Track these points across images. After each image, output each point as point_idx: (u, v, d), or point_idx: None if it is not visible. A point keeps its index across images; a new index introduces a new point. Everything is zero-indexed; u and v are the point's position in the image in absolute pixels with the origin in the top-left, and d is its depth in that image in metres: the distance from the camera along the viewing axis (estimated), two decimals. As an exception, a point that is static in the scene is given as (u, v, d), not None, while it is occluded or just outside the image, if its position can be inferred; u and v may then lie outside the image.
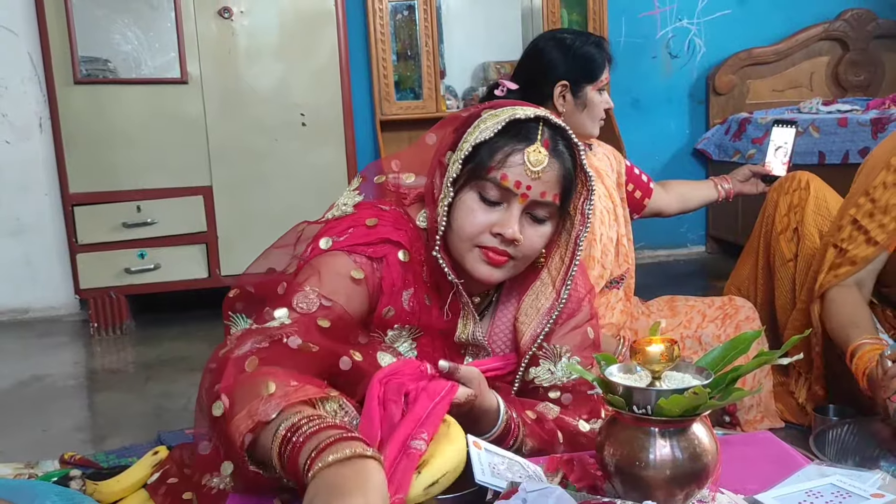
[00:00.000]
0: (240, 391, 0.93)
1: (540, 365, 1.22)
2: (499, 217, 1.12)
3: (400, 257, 1.16)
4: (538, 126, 1.12)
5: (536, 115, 1.12)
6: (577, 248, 1.19)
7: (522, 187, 1.10)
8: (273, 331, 1.02)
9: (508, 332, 1.25)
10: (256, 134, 3.17)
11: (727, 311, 1.92)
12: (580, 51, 1.88)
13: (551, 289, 1.21)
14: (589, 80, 1.88)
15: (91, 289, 3.12)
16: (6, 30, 3.28)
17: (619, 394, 0.94)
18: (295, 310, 1.07)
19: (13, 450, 2.02)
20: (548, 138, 1.12)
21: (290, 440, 0.84)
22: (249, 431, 0.87)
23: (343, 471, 0.78)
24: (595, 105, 1.90)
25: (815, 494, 0.86)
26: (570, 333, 1.24)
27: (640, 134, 3.86)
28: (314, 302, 1.08)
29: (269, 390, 0.89)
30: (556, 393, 1.22)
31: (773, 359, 0.93)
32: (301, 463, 0.81)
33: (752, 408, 1.87)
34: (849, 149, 3.03)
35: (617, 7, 3.78)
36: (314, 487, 0.78)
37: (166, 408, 2.34)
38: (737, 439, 1.28)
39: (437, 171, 1.17)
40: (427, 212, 1.19)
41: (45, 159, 3.32)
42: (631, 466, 0.93)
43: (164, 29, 3.05)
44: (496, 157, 1.11)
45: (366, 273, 1.14)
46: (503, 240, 1.12)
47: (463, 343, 1.22)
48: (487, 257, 1.13)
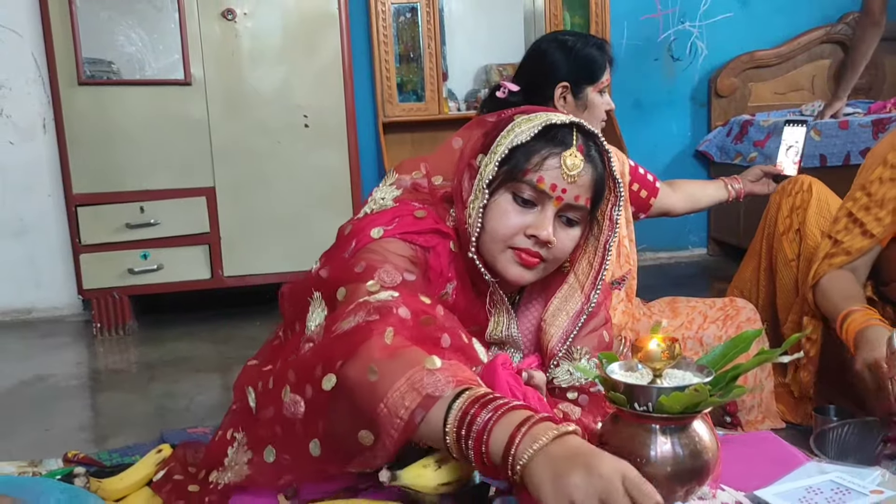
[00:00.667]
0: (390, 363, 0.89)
1: (560, 366, 1.24)
2: (533, 219, 1.14)
3: (451, 248, 1.18)
4: (573, 131, 1.14)
5: (571, 121, 1.14)
6: (606, 254, 1.21)
7: (558, 190, 1.13)
8: (381, 304, 0.99)
9: (530, 333, 1.27)
10: (259, 135, 3.18)
11: (728, 313, 1.93)
12: (581, 52, 1.88)
13: (580, 293, 1.23)
14: (590, 82, 1.89)
15: (94, 289, 3.12)
16: (10, 31, 3.30)
17: (621, 391, 0.95)
18: (386, 286, 1.04)
19: (16, 449, 2.03)
20: (582, 144, 1.14)
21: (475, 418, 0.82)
22: (420, 407, 0.84)
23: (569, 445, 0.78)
24: (596, 106, 1.90)
25: (815, 491, 0.87)
26: (589, 336, 1.26)
27: (641, 136, 3.87)
28: (397, 277, 1.07)
29: (435, 364, 0.87)
30: (574, 394, 1.24)
31: (773, 357, 0.94)
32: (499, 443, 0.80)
33: (753, 409, 1.87)
34: (850, 150, 3.03)
35: (619, 9, 3.79)
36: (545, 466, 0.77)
37: (169, 408, 2.34)
38: (738, 438, 1.29)
39: (465, 174, 1.19)
40: (455, 212, 1.20)
41: (49, 160, 3.33)
42: (632, 463, 0.93)
43: (167, 30, 3.06)
44: (533, 160, 1.13)
45: (417, 257, 1.15)
46: (537, 241, 1.14)
47: (493, 341, 1.23)
48: (520, 259, 1.15)
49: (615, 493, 0.74)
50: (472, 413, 0.83)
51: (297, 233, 3.18)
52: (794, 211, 2.04)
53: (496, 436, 0.81)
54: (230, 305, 3.39)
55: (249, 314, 3.23)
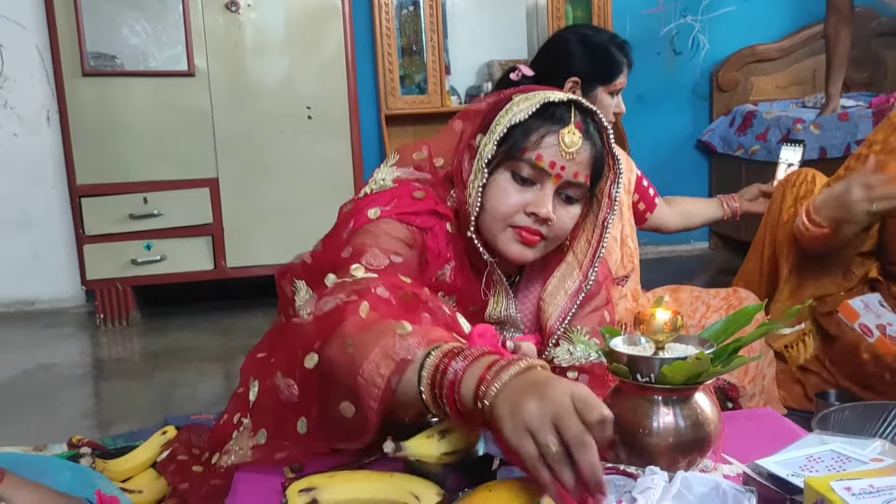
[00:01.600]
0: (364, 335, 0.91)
1: (560, 345, 1.24)
2: (532, 197, 1.14)
3: (448, 229, 1.18)
4: (570, 109, 1.14)
5: (569, 99, 1.15)
6: (604, 231, 1.22)
7: (557, 168, 1.13)
8: (360, 284, 1.01)
9: (531, 313, 1.28)
10: (262, 127, 3.19)
11: (731, 303, 1.93)
12: (599, 51, 1.85)
13: (578, 270, 1.24)
14: (602, 82, 1.86)
15: (97, 280, 3.14)
16: (14, 23, 3.31)
17: (624, 363, 0.96)
18: (369, 268, 1.06)
19: (21, 435, 2.04)
20: (580, 121, 1.14)
21: (447, 369, 0.83)
22: (395, 373, 0.86)
23: (527, 378, 0.79)
24: (604, 108, 1.86)
25: (815, 459, 0.88)
26: (590, 315, 1.27)
27: (643, 130, 3.87)
28: (383, 259, 1.08)
29: (406, 330, 0.88)
30: (574, 374, 1.24)
31: (774, 328, 0.95)
32: (469, 388, 0.81)
33: (755, 396, 1.88)
34: (850, 141, 3.04)
35: (621, 4, 3.80)
36: (504, 401, 0.77)
37: (173, 396, 2.36)
38: (739, 414, 1.30)
39: (465, 154, 1.19)
40: (455, 193, 1.20)
41: (53, 151, 3.34)
42: (635, 434, 0.95)
43: (171, 22, 3.08)
44: (531, 138, 1.13)
45: (414, 237, 1.16)
46: (537, 219, 1.14)
47: (493, 321, 1.24)
48: (521, 237, 1.15)
49: (564, 412, 0.74)
50: (444, 366, 0.84)
51: (300, 224, 3.18)
52: (798, 201, 2.06)
53: (466, 382, 0.81)
54: (233, 296, 3.41)
55: (252, 305, 3.24)
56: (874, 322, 1.87)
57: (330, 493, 0.95)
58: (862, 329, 1.88)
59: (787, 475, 0.85)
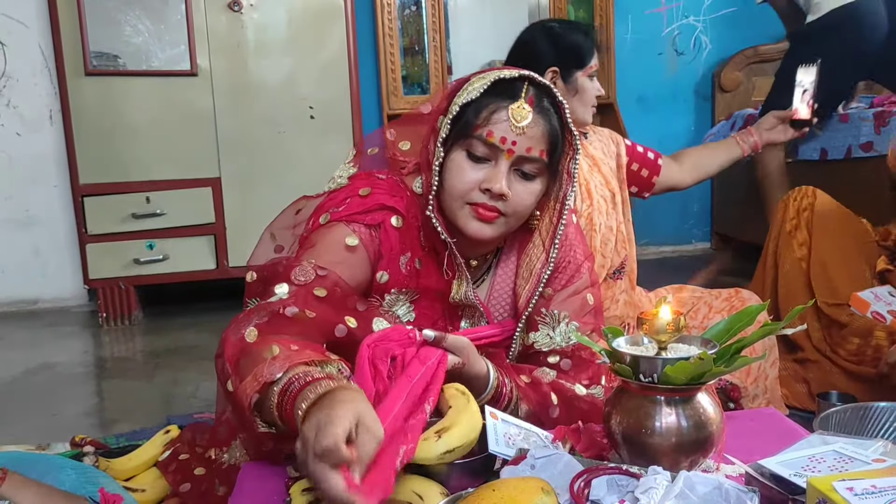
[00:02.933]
0: (245, 360, 0.98)
1: (539, 330, 1.24)
2: (487, 174, 1.15)
3: (393, 223, 1.20)
4: (523, 84, 1.15)
5: (521, 75, 1.15)
6: (563, 207, 1.21)
7: (508, 143, 1.13)
8: (272, 305, 1.06)
9: (508, 296, 1.28)
10: (265, 127, 3.20)
11: (734, 303, 1.93)
12: (568, 38, 1.87)
13: (542, 249, 1.24)
14: (578, 66, 1.86)
15: (100, 279, 3.14)
16: (17, 22, 3.31)
17: (627, 363, 0.96)
18: (294, 283, 1.10)
19: (24, 434, 2.05)
20: (532, 95, 1.15)
21: (287, 392, 0.90)
22: (256, 392, 0.92)
23: (329, 398, 0.83)
24: (586, 91, 1.88)
25: (817, 460, 0.88)
26: (570, 299, 1.26)
27: (645, 130, 3.88)
28: (310, 273, 1.11)
29: (273, 353, 0.94)
30: (556, 357, 1.24)
31: (776, 329, 0.95)
32: (297, 412, 0.86)
33: (757, 396, 1.88)
34: (851, 143, 3.04)
35: (623, 4, 3.81)
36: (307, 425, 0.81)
37: (175, 395, 2.36)
38: (741, 414, 1.30)
39: (430, 137, 1.21)
40: (423, 177, 1.22)
41: (55, 151, 3.35)
42: (637, 434, 0.95)
43: (174, 22, 3.08)
44: (482, 115, 1.14)
45: (363, 240, 1.18)
46: (492, 195, 1.14)
47: (459, 304, 1.24)
48: (478, 213, 1.16)
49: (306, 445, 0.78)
50: (289, 386, 0.90)
51: (302, 224, 3.20)
52: (801, 212, 2.17)
53: (297, 402, 0.87)
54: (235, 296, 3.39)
55: (254, 305, 3.24)
56: (885, 309, 1.96)
57: (333, 492, 0.95)
58: (875, 316, 1.97)
59: (789, 475, 0.85)
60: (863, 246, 2.15)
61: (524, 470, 0.93)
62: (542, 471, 0.92)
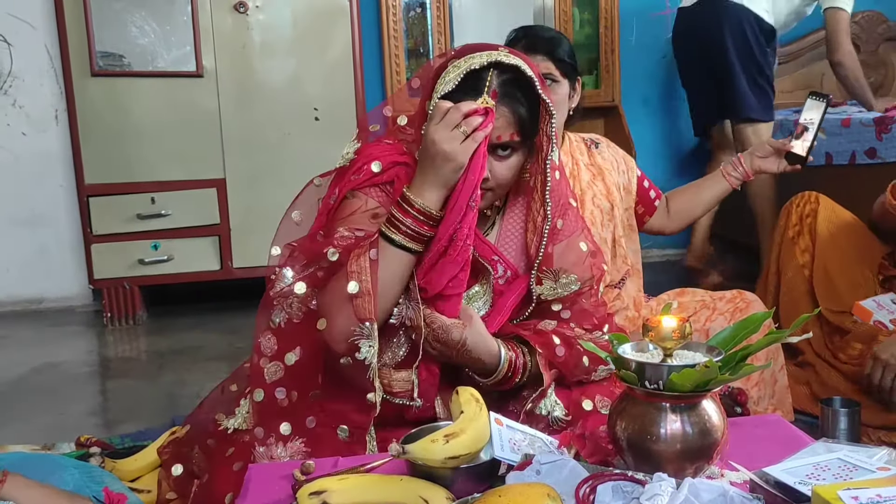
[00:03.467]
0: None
1: (543, 283, 1.30)
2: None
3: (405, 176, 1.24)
4: (489, 75, 1.18)
5: (489, 62, 1.19)
6: (546, 167, 1.27)
7: None
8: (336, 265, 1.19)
9: (518, 237, 1.34)
10: (270, 128, 3.20)
11: (738, 305, 1.92)
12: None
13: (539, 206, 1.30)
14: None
15: (105, 279, 3.15)
16: (23, 22, 3.32)
17: (632, 369, 0.97)
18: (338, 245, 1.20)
19: (29, 433, 2.06)
20: (496, 87, 1.18)
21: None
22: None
23: None
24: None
25: (822, 468, 0.88)
26: (566, 253, 1.30)
27: (649, 133, 3.87)
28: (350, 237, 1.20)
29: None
30: (559, 305, 1.31)
31: (783, 336, 0.95)
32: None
33: (762, 399, 1.88)
34: (855, 149, 3.04)
35: (628, 7, 3.80)
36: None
37: (179, 395, 2.37)
38: (746, 421, 1.31)
39: (421, 121, 1.26)
40: None
41: (61, 151, 3.36)
42: (642, 440, 0.95)
43: (180, 22, 3.09)
44: None
45: (382, 203, 1.24)
46: None
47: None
48: None
49: None
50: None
51: (306, 225, 3.20)
52: (804, 219, 2.17)
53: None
54: (239, 296, 3.41)
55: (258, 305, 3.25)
56: (888, 318, 1.97)
57: (340, 496, 0.96)
58: (877, 325, 1.98)
59: (794, 483, 0.86)
60: (866, 252, 2.15)
61: (530, 475, 0.94)
62: (548, 476, 0.93)
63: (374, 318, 1.13)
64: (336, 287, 1.15)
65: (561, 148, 1.91)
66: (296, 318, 1.19)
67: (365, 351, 1.13)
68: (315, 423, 1.19)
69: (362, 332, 1.13)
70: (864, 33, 4.00)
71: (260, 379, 1.21)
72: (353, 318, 1.13)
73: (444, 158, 1.12)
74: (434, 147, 1.13)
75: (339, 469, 1.05)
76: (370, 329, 1.13)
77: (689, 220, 2.09)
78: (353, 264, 1.14)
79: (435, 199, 1.15)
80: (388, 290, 1.16)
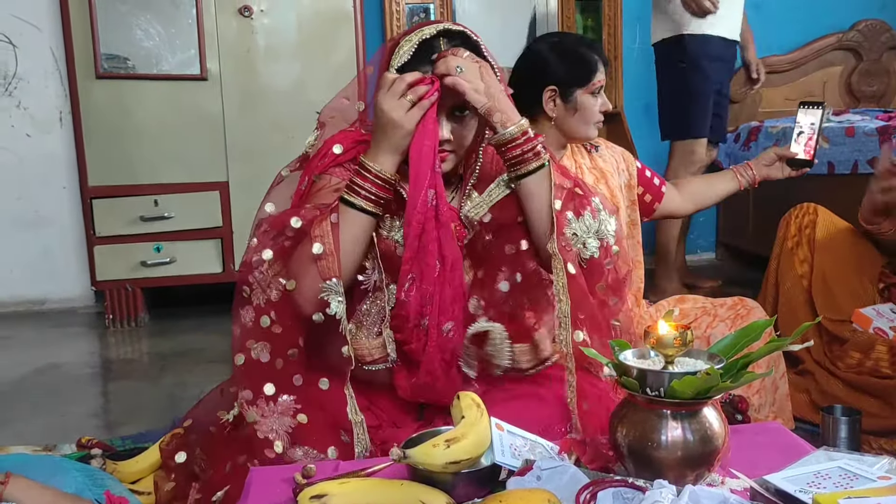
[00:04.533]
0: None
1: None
2: None
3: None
4: (440, 42, 1.27)
5: (439, 31, 1.27)
6: (485, 129, 1.34)
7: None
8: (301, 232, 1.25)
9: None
10: (273, 131, 3.21)
11: (739, 311, 1.93)
12: (570, 54, 1.85)
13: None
14: (579, 84, 1.84)
15: (107, 281, 3.16)
16: (29, 24, 3.34)
17: (633, 376, 0.97)
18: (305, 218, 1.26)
19: (30, 434, 2.06)
20: (445, 52, 1.25)
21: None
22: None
23: None
24: (587, 108, 1.85)
25: (823, 476, 0.88)
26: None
27: (652, 140, 3.87)
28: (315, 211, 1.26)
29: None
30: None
31: (784, 344, 0.96)
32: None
33: (763, 407, 1.88)
34: (857, 158, 3.04)
35: (632, 13, 3.80)
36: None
37: (181, 397, 2.37)
38: (747, 428, 1.31)
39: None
40: None
41: (65, 153, 3.37)
42: (643, 447, 0.96)
43: (184, 26, 3.10)
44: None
45: (344, 178, 1.30)
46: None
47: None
48: None
49: None
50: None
51: (309, 229, 3.21)
52: (802, 230, 2.20)
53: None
54: (241, 300, 3.42)
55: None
56: (888, 325, 1.99)
57: (341, 499, 0.96)
58: (877, 332, 1.99)
59: (794, 491, 0.86)
60: (864, 262, 2.16)
61: (530, 481, 0.94)
62: (548, 482, 0.93)
63: (338, 275, 1.19)
64: (302, 251, 1.22)
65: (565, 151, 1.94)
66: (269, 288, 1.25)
67: (335, 306, 1.19)
68: (302, 381, 1.24)
69: (330, 288, 1.19)
70: (866, 42, 4.01)
71: (239, 344, 1.26)
72: (319, 277, 1.19)
73: (392, 126, 1.20)
74: (383, 116, 1.20)
75: (339, 473, 1.05)
76: (336, 285, 1.19)
77: (700, 204, 2.15)
78: (317, 229, 1.21)
79: (389, 164, 1.22)
80: (351, 251, 1.22)
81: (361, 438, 1.23)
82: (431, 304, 1.25)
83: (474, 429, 1.00)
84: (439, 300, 1.26)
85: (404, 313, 1.26)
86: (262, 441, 1.21)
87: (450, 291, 1.26)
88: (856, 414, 1.73)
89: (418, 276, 1.25)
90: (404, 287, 1.25)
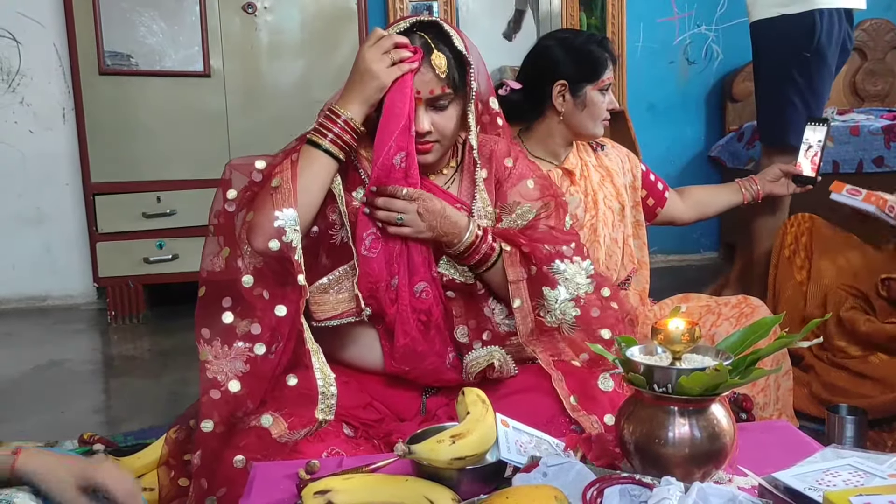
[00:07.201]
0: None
1: (503, 220, 1.41)
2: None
3: None
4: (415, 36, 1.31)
5: (413, 24, 1.33)
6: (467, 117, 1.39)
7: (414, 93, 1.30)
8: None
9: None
10: (276, 129, 3.19)
11: (743, 310, 1.92)
12: (581, 50, 1.84)
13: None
14: (589, 80, 1.84)
15: (109, 277, 3.16)
16: (33, 21, 3.33)
17: (640, 373, 0.96)
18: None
19: (33, 430, 2.06)
20: (420, 46, 1.30)
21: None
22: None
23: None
24: (596, 105, 1.85)
25: (832, 473, 0.88)
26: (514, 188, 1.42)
27: (655, 139, 3.87)
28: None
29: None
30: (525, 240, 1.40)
31: (792, 341, 0.95)
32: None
33: (768, 405, 1.88)
34: (862, 157, 3.04)
35: (635, 12, 3.80)
36: None
37: (182, 394, 2.36)
38: (754, 426, 1.30)
39: None
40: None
41: (68, 149, 3.36)
42: (650, 444, 0.95)
43: (188, 23, 3.10)
44: None
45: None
46: (419, 134, 1.32)
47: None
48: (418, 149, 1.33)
49: None
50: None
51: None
52: (799, 238, 2.26)
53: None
54: (243, 297, 3.41)
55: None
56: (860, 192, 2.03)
57: (345, 495, 0.95)
58: (850, 192, 2.02)
59: (804, 489, 0.85)
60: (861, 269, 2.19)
61: (536, 478, 0.93)
62: (555, 479, 0.92)
63: (293, 205, 1.23)
64: (262, 190, 1.27)
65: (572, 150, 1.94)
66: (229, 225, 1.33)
67: (290, 234, 1.22)
68: (258, 309, 1.28)
69: (285, 217, 1.22)
70: (871, 41, 4.00)
71: (202, 279, 1.35)
72: (273, 207, 1.23)
73: (370, 76, 1.25)
74: (363, 63, 1.26)
75: (343, 468, 1.04)
76: (292, 217, 1.23)
77: (703, 213, 2.15)
78: (277, 168, 1.28)
79: (358, 113, 1.28)
80: (308, 187, 1.26)
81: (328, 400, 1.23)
82: (399, 263, 1.30)
83: (480, 425, 0.99)
84: (408, 260, 1.31)
85: (370, 271, 1.29)
86: (212, 381, 1.29)
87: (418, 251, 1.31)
88: (861, 413, 1.72)
89: (382, 232, 1.29)
90: (365, 243, 1.29)
